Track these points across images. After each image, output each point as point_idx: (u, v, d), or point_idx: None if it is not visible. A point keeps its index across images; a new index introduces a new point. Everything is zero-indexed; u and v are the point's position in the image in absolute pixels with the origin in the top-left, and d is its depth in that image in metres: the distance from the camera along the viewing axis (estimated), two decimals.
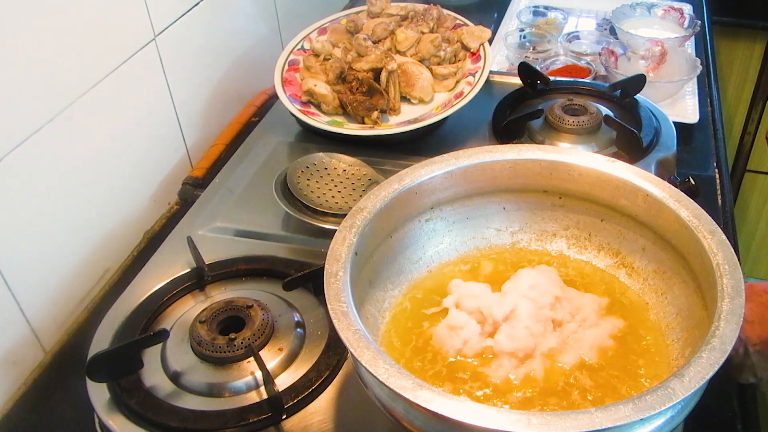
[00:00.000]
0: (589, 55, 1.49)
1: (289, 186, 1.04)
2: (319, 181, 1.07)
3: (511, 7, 1.72)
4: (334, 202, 1.03)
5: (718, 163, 1.21)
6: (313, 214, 1.02)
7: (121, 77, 1.02)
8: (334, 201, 1.04)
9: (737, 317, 0.62)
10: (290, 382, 0.80)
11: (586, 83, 1.31)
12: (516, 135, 1.17)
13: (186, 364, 0.82)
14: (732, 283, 0.66)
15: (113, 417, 0.77)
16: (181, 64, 1.18)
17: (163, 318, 0.90)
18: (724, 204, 1.12)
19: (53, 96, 0.91)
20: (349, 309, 0.66)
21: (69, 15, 0.91)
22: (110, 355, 0.79)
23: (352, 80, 1.20)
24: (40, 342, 0.93)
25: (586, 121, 1.14)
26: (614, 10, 1.59)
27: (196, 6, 1.19)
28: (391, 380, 0.59)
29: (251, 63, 1.40)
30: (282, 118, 1.27)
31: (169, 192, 1.18)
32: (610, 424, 0.55)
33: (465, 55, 1.31)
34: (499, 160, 0.84)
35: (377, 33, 1.30)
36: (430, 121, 1.16)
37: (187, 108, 1.20)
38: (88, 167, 0.99)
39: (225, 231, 1.04)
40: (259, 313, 0.85)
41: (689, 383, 0.57)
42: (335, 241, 0.73)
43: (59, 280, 0.96)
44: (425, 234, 0.86)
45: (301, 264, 0.94)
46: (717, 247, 0.69)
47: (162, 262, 0.98)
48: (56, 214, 0.94)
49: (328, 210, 1.01)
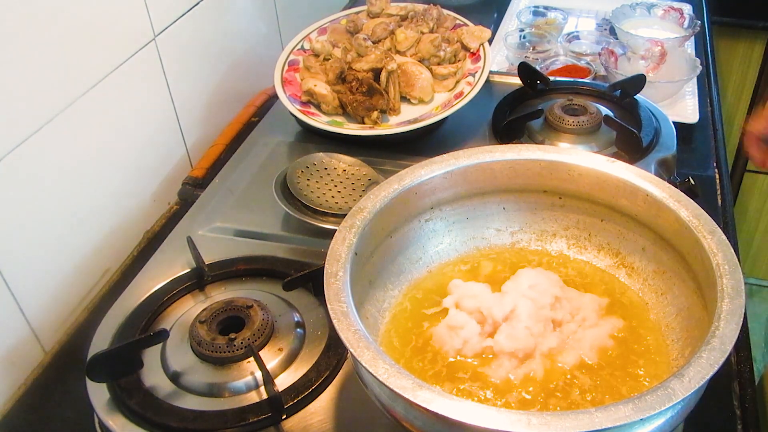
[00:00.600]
0: (588, 55, 1.49)
1: (289, 186, 1.04)
2: (319, 181, 1.07)
3: (511, 7, 1.72)
4: (334, 202, 1.03)
5: (717, 163, 1.21)
6: (313, 214, 1.02)
7: (120, 77, 1.02)
8: (334, 201, 1.04)
9: (737, 317, 0.62)
10: (290, 382, 0.80)
11: (585, 83, 1.31)
12: (516, 135, 1.17)
13: (186, 364, 0.82)
14: (732, 283, 0.66)
15: (113, 417, 0.77)
16: (181, 64, 1.18)
17: (163, 318, 0.90)
18: (723, 204, 1.12)
19: (53, 96, 0.91)
20: (348, 309, 0.66)
21: (69, 15, 0.91)
22: (110, 355, 0.79)
23: (351, 80, 1.20)
24: (40, 342, 0.93)
25: (586, 122, 1.14)
26: (614, 10, 1.59)
27: (195, 6, 1.19)
28: (391, 380, 0.59)
29: (251, 63, 1.40)
30: (282, 118, 1.27)
31: (169, 192, 1.18)
32: (610, 424, 0.55)
33: (465, 55, 1.31)
34: (499, 160, 0.84)
35: (377, 33, 1.30)
36: (429, 121, 1.16)
37: (187, 108, 1.20)
38: (87, 167, 0.99)
39: (225, 231, 1.04)
40: (259, 313, 0.85)
41: (689, 383, 0.57)
42: (335, 241, 0.73)
43: (59, 280, 0.96)
44: (425, 234, 0.86)
45: (301, 264, 0.94)
46: (717, 247, 0.69)
47: (162, 262, 0.98)
48: (56, 214, 0.94)
49: (328, 210, 1.01)
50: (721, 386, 0.83)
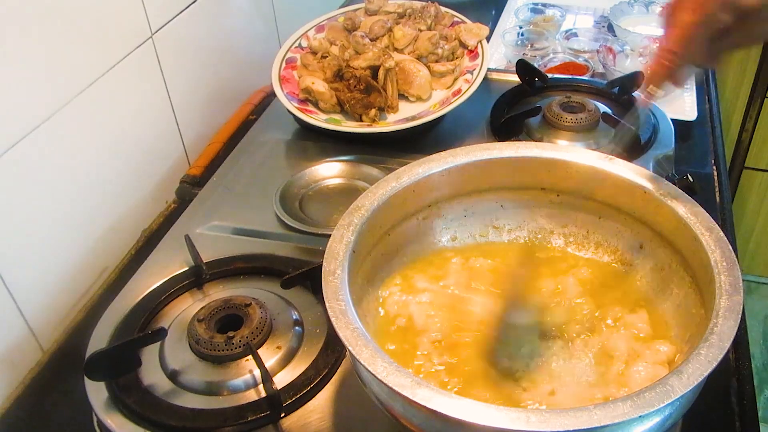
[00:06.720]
0: (587, 52, 1.49)
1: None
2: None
3: (509, 5, 1.72)
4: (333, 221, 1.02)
5: (716, 160, 1.21)
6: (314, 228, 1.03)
7: (117, 75, 1.02)
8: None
9: (735, 314, 0.62)
10: (288, 380, 0.80)
11: (584, 80, 1.31)
12: (514, 132, 1.17)
13: (184, 362, 0.82)
14: (730, 280, 0.65)
15: (112, 416, 0.77)
16: (178, 62, 1.17)
17: (161, 317, 0.90)
18: (722, 201, 1.12)
19: (49, 95, 0.90)
20: (347, 307, 0.65)
21: (65, 13, 0.91)
22: (108, 353, 0.79)
23: (349, 78, 1.20)
24: (38, 341, 0.93)
25: (584, 119, 1.14)
26: (612, 7, 1.59)
27: (193, 4, 1.19)
28: (389, 378, 0.59)
29: (248, 61, 1.40)
30: (280, 116, 1.26)
31: (166, 190, 1.18)
32: (608, 421, 0.55)
33: (463, 53, 1.30)
34: (497, 158, 0.84)
35: (375, 30, 1.30)
36: (427, 118, 1.16)
37: (184, 106, 1.20)
38: (84, 166, 0.99)
39: (223, 229, 1.04)
40: (257, 312, 0.85)
41: (688, 380, 0.57)
42: (333, 239, 0.73)
43: (57, 279, 0.96)
44: (423, 232, 0.86)
45: (300, 262, 0.94)
46: (715, 245, 0.69)
47: (160, 260, 0.98)
48: (53, 213, 0.94)
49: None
50: (720, 383, 0.83)
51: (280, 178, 1.11)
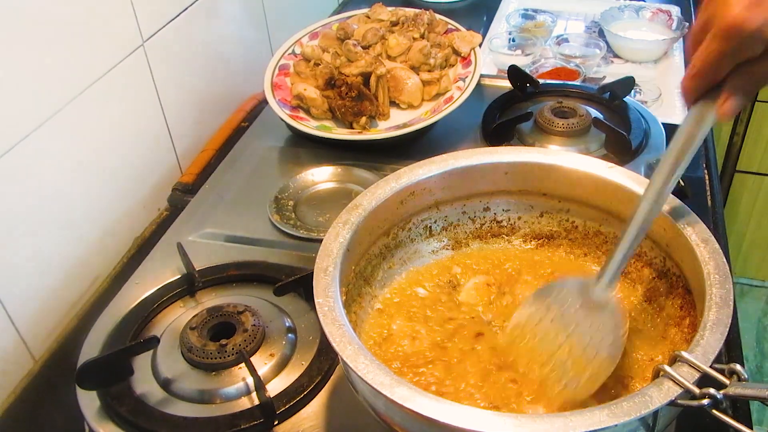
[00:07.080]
0: (578, 57, 1.49)
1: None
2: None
3: (500, 11, 1.73)
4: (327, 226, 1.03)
5: (707, 163, 1.21)
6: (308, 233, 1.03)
7: (109, 83, 1.02)
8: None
9: (723, 327, 0.61)
10: (282, 388, 0.80)
11: (575, 86, 1.31)
12: (506, 138, 1.18)
13: (177, 370, 0.81)
14: (721, 293, 0.65)
15: (104, 425, 0.77)
16: (170, 70, 1.17)
17: (154, 325, 0.89)
18: (713, 205, 1.13)
19: (40, 103, 0.90)
20: (335, 304, 0.65)
21: (56, 21, 0.91)
22: (100, 362, 0.79)
23: (341, 85, 1.20)
24: (30, 350, 0.92)
25: (576, 124, 1.14)
26: (603, 12, 1.60)
27: (184, 11, 1.19)
28: (369, 376, 0.59)
29: (240, 68, 1.40)
30: (272, 123, 1.26)
31: (158, 198, 1.18)
32: (584, 428, 0.54)
33: (456, 60, 1.30)
34: (498, 162, 0.83)
35: (368, 38, 1.30)
36: (418, 126, 1.16)
37: (176, 113, 1.20)
38: (75, 174, 0.98)
39: (215, 237, 1.03)
40: (250, 319, 0.84)
41: (667, 392, 0.57)
42: (328, 236, 0.73)
43: (48, 287, 0.95)
44: (420, 234, 0.86)
45: (292, 269, 0.93)
46: (709, 256, 0.69)
47: (152, 268, 0.97)
48: (44, 221, 0.94)
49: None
50: None
51: (273, 185, 1.11)
